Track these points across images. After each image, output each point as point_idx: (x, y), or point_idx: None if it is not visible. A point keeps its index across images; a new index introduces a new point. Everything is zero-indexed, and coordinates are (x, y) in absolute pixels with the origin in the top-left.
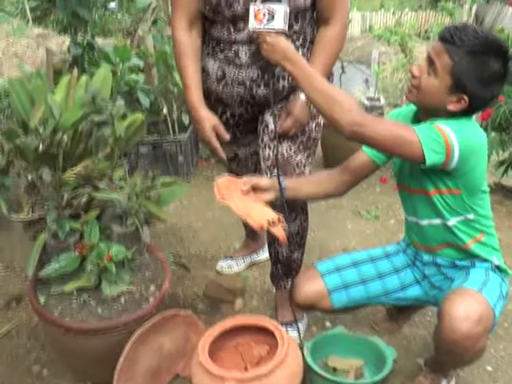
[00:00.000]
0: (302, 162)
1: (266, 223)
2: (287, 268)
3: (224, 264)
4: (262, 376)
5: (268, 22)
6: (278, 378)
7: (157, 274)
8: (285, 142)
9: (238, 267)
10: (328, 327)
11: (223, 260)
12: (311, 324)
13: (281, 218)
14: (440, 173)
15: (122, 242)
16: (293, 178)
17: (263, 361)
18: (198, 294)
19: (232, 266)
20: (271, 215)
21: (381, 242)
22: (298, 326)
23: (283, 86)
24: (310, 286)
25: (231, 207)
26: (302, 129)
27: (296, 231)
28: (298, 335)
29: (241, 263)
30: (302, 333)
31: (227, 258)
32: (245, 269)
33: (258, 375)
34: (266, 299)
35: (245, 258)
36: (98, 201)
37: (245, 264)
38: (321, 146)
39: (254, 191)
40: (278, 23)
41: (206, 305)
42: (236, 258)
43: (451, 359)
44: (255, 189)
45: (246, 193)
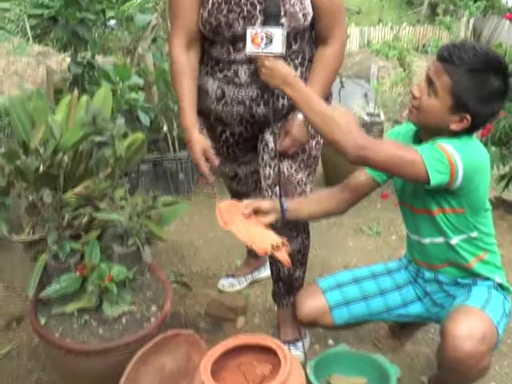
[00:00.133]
0: (302, 181)
1: (270, 248)
2: (289, 286)
3: (226, 282)
4: None
5: (266, 45)
6: None
7: (158, 293)
8: (285, 161)
9: (240, 285)
10: (331, 345)
11: (225, 278)
12: (314, 342)
13: (284, 242)
14: (444, 192)
15: (123, 262)
16: (294, 196)
17: (266, 380)
18: (200, 312)
19: (234, 284)
20: (274, 239)
21: (382, 258)
22: (303, 344)
23: (283, 104)
24: (312, 302)
25: (235, 233)
26: (301, 148)
27: (298, 249)
28: (304, 355)
29: (242, 281)
30: (305, 351)
31: (229, 276)
32: (246, 287)
33: None
34: (268, 317)
35: (246, 276)
36: (98, 221)
37: (246, 282)
38: (321, 164)
39: (256, 214)
40: (276, 47)
41: (208, 323)
42: (238, 275)
43: (455, 377)
44: (256, 212)
45: (248, 216)
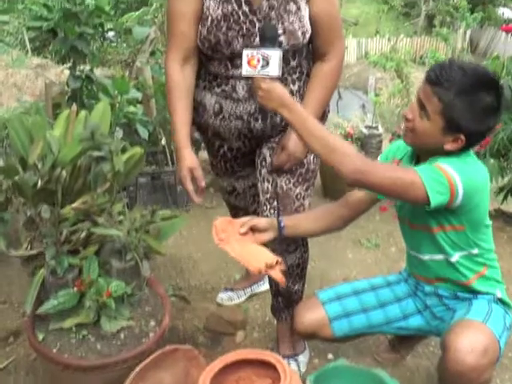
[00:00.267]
0: (301, 195)
1: (264, 267)
2: (288, 300)
3: (224, 296)
4: None
5: (262, 68)
6: None
7: (157, 308)
8: (283, 175)
9: (239, 299)
10: (330, 359)
11: (223, 292)
12: (313, 356)
13: (279, 261)
14: (443, 210)
15: (121, 277)
16: (292, 210)
17: None
18: (199, 326)
19: (233, 297)
20: (269, 258)
21: (382, 271)
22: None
23: (281, 119)
24: (311, 314)
25: (229, 251)
26: (298, 163)
27: (296, 263)
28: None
29: (241, 295)
30: (304, 365)
31: (227, 289)
32: (245, 300)
33: None
34: (267, 331)
35: (245, 290)
36: (96, 236)
37: (245, 295)
38: (320, 176)
39: (253, 231)
40: (272, 70)
41: (207, 338)
42: (236, 289)
43: None
44: (253, 229)
45: (244, 234)
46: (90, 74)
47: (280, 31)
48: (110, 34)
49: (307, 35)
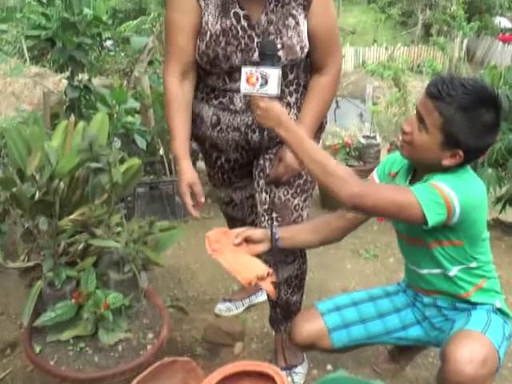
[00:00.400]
0: (299, 206)
1: (255, 278)
2: (286, 311)
3: (222, 307)
4: None
5: (261, 86)
6: None
7: (155, 320)
8: (282, 186)
9: (237, 310)
10: (329, 370)
11: (222, 303)
12: (312, 367)
13: (270, 273)
14: (441, 227)
15: (119, 289)
16: (291, 221)
17: None
18: (197, 338)
19: (231, 308)
20: (262, 270)
21: (381, 281)
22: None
23: None
24: (310, 325)
25: (222, 263)
26: (295, 174)
27: (295, 274)
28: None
29: (239, 306)
30: (303, 377)
31: (226, 300)
32: (243, 311)
33: None
34: (265, 342)
35: (243, 301)
36: (94, 247)
37: (243, 306)
38: (318, 187)
39: (247, 242)
40: (271, 88)
41: (205, 349)
42: (234, 300)
43: None
44: (248, 240)
45: (238, 244)
46: (88, 84)
47: (278, 46)
48: (108, 43)
49: (305, 50)
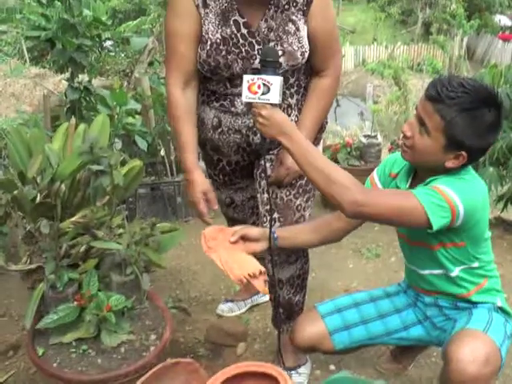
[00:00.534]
0: (301, 206)
1: (247, 276)
2: (289, 311)
3: (225, 307)
4: None
5: (263, 94)
6: None
7: (157, 322)
8: (284, 186)
9: (240, 310)
10: (332, 371)
11: (224, 303)
12: (315, 368)
13: (262, 270)
14: (444, 229)
15: (121, 291)
16: (293, 221)
17: None
18: (199, 338)
19: (233, 309)
20: (254, 268)
21: (383, 281)
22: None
23: None
24: (311, 327)
25: (215, 260)
26: (297, 176)
27: (297, 274)
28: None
29: (242, 306)
30: (306, 377)
31: (228, 300)
32: (246, 311)
33: None
34: (268, 342)
35: (246, 301)
36: (96, 250)
37: (246, 306)
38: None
39: (244, 240)
40: (273, 96)
41: (208, 350)
42: (237, 300)
43: None
44: (245, 238)
45: (234, 242)
46: (89, 86)
47: (279, 53)
48: (108, 43)
49: (306, 55)
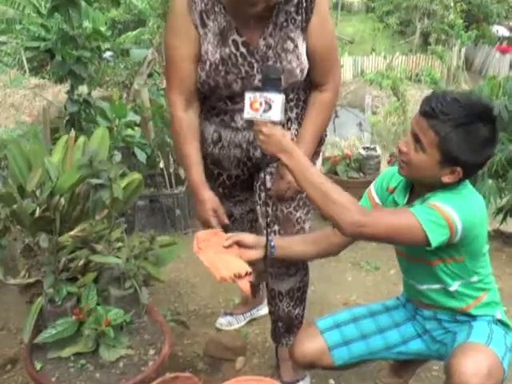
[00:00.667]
0: (301, 218)
1: (232, 276)
2: (288, 325)
3: (224, 321)
4: None
5: (264, 112)
6: None
7: (156, 336)
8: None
9: (238, 324)
10: None
11: (223, 316)
12: (314, 383)
13: (249, 271)
14: (443, 246)
15: (119, 305)
16: (293, 233)
17: None
18: (198, 352)
19: (232, 322)
20: (240, 268)
21: (382, 294)
22: None
23: None
24: (310, 343)
25: (203, 260)
26: (298, 190)
27: (297, 286)
28: None
29: (241, 319)
30: None
31: (227, 314)
32: (245, 325)
33: None
34: (267, 357)
35: (245, 314)
36: (95, 263)
37: (245, 320)
38: None
39: (239, 246)
40: (275, 114)
41: (207, 364)
42: (236, 314)
43: None
44: (240, 244)
45: (228, 247)
46: (88, 98)
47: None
48: (108, 54)
49: (305, 71)
